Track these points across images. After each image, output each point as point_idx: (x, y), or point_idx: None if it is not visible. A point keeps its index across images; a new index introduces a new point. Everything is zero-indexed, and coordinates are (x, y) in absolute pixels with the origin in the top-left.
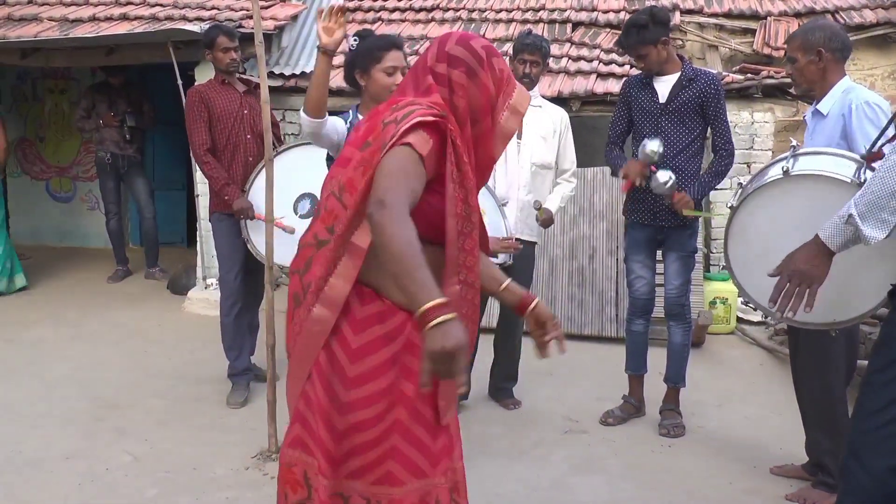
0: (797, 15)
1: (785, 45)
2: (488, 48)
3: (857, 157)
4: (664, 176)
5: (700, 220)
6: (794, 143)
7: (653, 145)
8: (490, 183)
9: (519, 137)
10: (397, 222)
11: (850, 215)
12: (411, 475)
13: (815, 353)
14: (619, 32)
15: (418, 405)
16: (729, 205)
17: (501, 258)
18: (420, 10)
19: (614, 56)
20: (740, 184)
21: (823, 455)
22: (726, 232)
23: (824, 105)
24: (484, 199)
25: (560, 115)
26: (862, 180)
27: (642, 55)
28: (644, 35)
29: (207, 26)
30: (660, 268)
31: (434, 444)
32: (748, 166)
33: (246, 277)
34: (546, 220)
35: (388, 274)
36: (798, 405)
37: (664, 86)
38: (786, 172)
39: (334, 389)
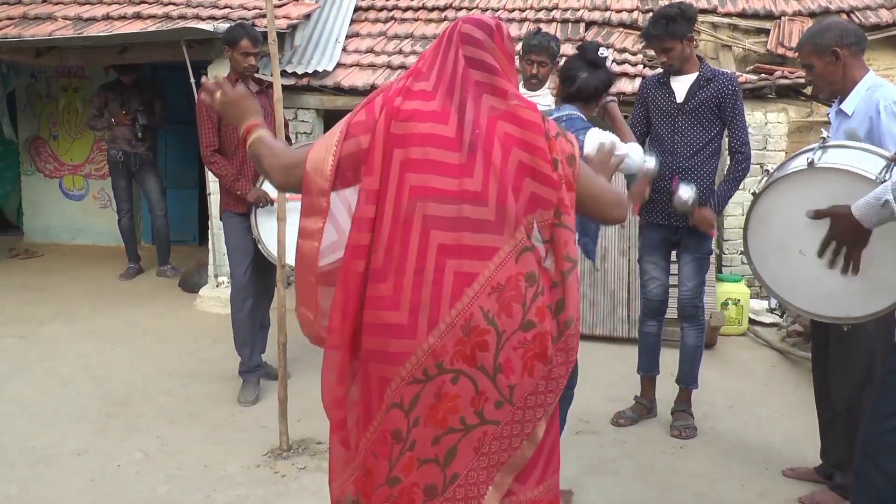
0: (812, 15)
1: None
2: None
3: (887, 154)
4: (686, 193)
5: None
6: (825, 134)
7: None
8: None
9: None
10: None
11: (887, 200)
12: None
13: (851, 353)
14: (633, 32)
15: None
16: (752, 191)
17: None
18: (433, 9)
19: (627, 56)
20: (767, 171)
21: (843, 459)
22: (747, 217)
23: (849, 104)
24: None
25: None
26: (887, 179)
27: (667, 48)
28: (673, 28)
29: (228, 24)
30: (673, 268)
31: None
32: (762, 167)
33: (256, 274)
34: None
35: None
36: (816, 406)
37: (681, 85)
38: (810, 164)
39: None
